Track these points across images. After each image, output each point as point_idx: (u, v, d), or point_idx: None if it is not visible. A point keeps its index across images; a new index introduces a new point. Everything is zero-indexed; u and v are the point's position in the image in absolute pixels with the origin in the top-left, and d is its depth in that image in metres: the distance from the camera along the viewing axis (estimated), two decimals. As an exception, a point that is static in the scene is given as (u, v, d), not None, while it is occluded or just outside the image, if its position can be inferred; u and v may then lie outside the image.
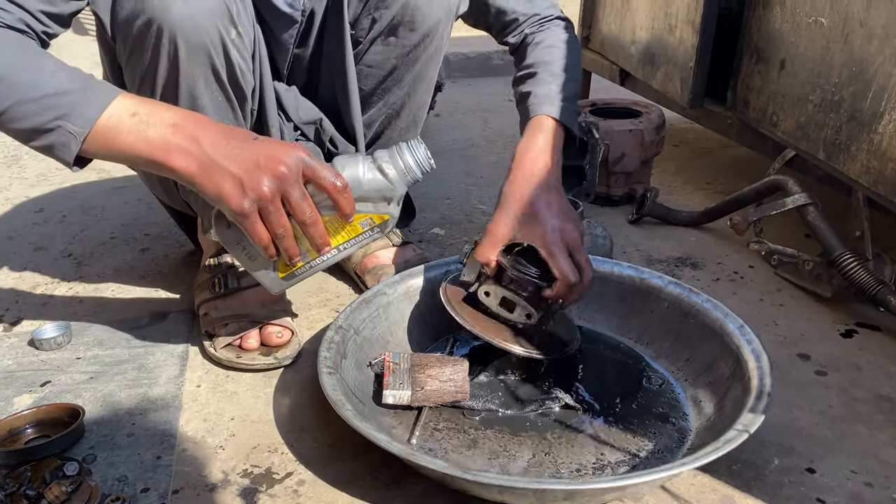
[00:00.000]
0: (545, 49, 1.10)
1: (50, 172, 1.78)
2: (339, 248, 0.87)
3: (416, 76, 1.10)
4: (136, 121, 0.77)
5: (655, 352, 1.05)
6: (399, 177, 0.86)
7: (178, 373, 1.02)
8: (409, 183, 0.87)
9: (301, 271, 0.87)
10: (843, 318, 1.17)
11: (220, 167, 0.77)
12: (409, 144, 0.87)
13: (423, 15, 1.04)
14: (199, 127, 0.78)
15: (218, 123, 0.81)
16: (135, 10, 0.86)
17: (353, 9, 1.05)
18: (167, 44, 0.87)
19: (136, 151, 0.78)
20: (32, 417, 0.90)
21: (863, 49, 1.10)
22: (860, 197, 1.19)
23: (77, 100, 0.77)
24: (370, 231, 0.88)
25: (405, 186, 0.87)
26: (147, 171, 0.82)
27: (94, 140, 0.78)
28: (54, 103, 0.77)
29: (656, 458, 0.86)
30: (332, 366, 0.87)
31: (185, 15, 0.86)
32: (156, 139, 0.77)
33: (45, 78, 0.78)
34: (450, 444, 0.87)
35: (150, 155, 0.77)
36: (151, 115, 0.78)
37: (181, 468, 0.85)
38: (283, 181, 0.78)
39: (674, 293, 1.05)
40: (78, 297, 1.23)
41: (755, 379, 0.87)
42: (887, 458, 0.88)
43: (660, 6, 1.63)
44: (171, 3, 0.86)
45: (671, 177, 1.78)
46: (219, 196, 0.77)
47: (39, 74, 0.78)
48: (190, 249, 1.38)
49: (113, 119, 0.77)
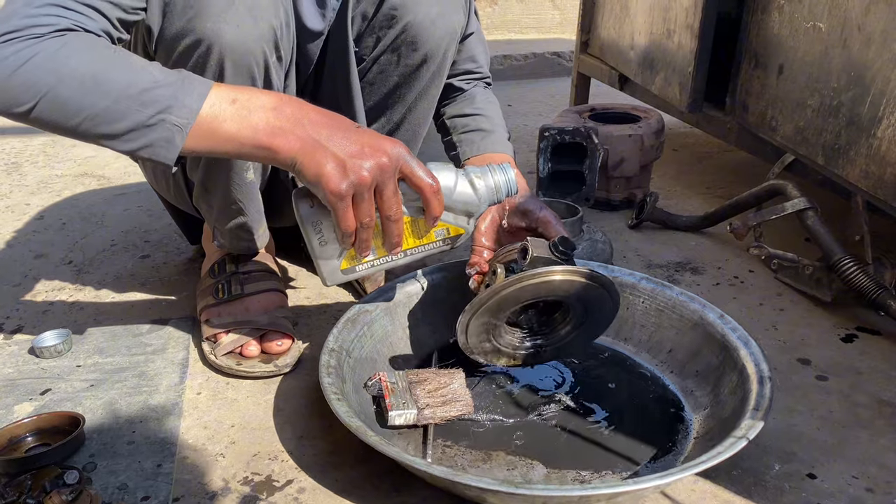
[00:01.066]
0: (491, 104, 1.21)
1: (50, 180, 1.79)
2: (406, 252, 0.88)
3: (419, 94, 1.11)
4: (237, 108, 0.76)
5: (636, 347, 1.06)
6: (486, 194, 0.88)
7: (178, 380, 1.02)
8: (493, 202, 0.89)
9: (362, 268, 0.88)
10: (844, 322, 1.17)
11: (324, 148, 0.77)
12: (501, 166, 0.89)
13: (427, 36, 1.05)
14: (301, 109, 0.78)
15: (316, 107, 0.80)
16: (185, 29, 0.87)
17: (357, 26, 1.06)
18: (214, 64, 0.88)
19: (240, 139, 0.77)
20: (33, 426, 0.90)
21: (861, 54, 1.10)
22: (859, 201, 1.19)
23: (176, 92, 0.75)
24: (441, 242, 0.89)
25: (487, 204, 0.89)
26: (246, 158, 0.81)
27: (197, 132, 0.76)
28: (154, 97, 0.74)
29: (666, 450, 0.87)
30: (339, 391, 0.86)
31: (236, 40, 0.88)
32: (259, 124, 0.76)
33: (139, 74, 0.75)
34: (465, 459, 0.86)
35: (255, 140, 0.76)
36: (251, 100, 0.77)
37: (181, 476, 0.85)
38: (383, 172, 0.78)
39: (648, 288, 1.06)
40: (78, 304, 1.23)
41: (751, 365, 0.89)
42: (888, 464, 0.88)
43: (658, 11, 1.63)
44: (224, 27, 0.87)
45: (671, 181, 1.79)
46: (319, 176, 0.77)
47: (133, 71, 0.75)
48: (189, 257, 1.39)
49: (214, 108, 0.76)
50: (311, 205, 0.84)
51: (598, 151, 1.48)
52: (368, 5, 1.04)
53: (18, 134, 2.14)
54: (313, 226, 0.85)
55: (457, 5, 1.07)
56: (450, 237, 0.89)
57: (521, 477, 0.84)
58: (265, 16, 0.90)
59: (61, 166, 1.88)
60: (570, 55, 2.91)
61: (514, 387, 0.99)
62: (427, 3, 1.04)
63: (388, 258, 0.88)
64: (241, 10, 0.88)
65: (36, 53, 0.72)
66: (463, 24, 1.10)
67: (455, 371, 0.98)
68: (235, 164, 0.99)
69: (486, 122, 1.17)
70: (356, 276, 0.89)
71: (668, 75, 1.60)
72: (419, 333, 1.06)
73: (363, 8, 1.04)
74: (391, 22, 1.04)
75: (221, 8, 0.87)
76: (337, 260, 0.87)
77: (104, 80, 0.74)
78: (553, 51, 3.06)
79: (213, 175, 1.01)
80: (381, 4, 1.03)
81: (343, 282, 0.90)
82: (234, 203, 1.04)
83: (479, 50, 1.21)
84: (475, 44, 1.20)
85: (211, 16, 0.86)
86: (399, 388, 0.93)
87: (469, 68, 1.20)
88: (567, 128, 1.48)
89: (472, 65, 1.20)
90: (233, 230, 1.08)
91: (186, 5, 0.87)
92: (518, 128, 2.24)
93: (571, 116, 1.64)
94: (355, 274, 0.88)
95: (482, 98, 1.21)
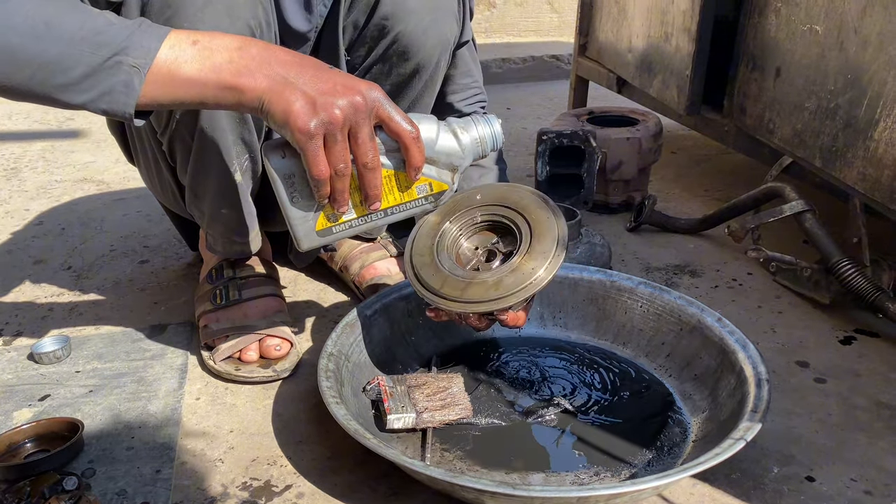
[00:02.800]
0: None
1: (50, 185, 1.79)
2: (387, 211, 0.82)
3: (412, 103, 1.11)
4: (198, 48, 0.72)
5: (634, 351, 1.06)
6: (471, 146, 0.83)
7: (177, 385, 1.02)
8: (478, 156, 0.84)
9: (339, 229, 0.83)
10: (842, 324, 1.17)
11: (293, 85, 0.72)
12: (486, 118, 0.84)
13: (418, 45, 1.04)
14: (268, 49, 0.74)
15: (285, 48, 0.76)
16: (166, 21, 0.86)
17: (349, 35, 1.05)
18: None
19: (202, 80, 0.72)
20: (32, 432, 0.90)
21: (858, 56, 1.10)
22: (857, 203, 1.20)
23: (133, 32, 0.71)
24: (424, 199, 0.83)
25: (472, 158, 0.84)
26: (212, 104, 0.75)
27: (156, 75, 0.71)
28: (110, 38, 0.70)
29: (665, 453, 0.87)
30: (337, 395, 0.86)
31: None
32: (223, 63, 0.72)
33: (94, 17, 0.71)
34: (464, 463, 0.86)
35: (219, 81, 0.72)
36: (213, 40, 0.73)
37: (180, 481, 0.85)
38: (358, 111, 0.73)
39: (646, 293, 1.06)
40: (77, 310, 1.23)
41: (749, 367, 0.89)
42: (887, 466, 0.88)
43: (656, 14, 1.63)
44: (200, 27, 0.84)
45: (669, 184, 1.79)
46: (287, 114, 0.72)
47: (88, 14, 0.71)
48: (189, 262, 1.39)
49: (174, 49, 0.72)
50: (282, 155, 0.78)
51: (597, 154, 1.48)
52: (360, 14, 1.04)
53: (18, 140, 2.14)
54: (285, 180, 0.79)
55: (450, 14, 1.05)
56: (432, 194, 0.83)
57: (520, 479, 0.84)
58: (242, 15, 0.89)
59: (60, 172, 1.88)
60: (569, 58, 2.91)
61: (512, 391, 0.99)
62: (419, 13, 1.02)
63: (367, 217, 0.82)
64: (219, 8, 0.87)
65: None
66: (456, 34, 1.08)
67: (454, 375, 0.98)
68: (222, 165, 0.99)
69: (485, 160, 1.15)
70: (333, 239, 0.84)
71: (666, 78, 1.60)
72: (418, 337, 1.06)
73: (354, 17, 1.04)
74: (382, 32, 1.03)
75: (198, 7, 0.86)
76: (312, 219, 0.81)
77: (56, 24, 0.69)
78: (551, 54, 3.07)
79: (201, 179, 1.01)
80: (372, 14, 1.03)
81: (319, 245, 0.84)
82: (223, 207, 1.04)
83: (473, 64, 1.20)
84: (469, 57, 1.19)
85: (188, 16, 0.86)
86: (398, 391, 0.93)
87: (466, 83, 1.19)
88: (565, 131, 1.48)
89: (469, 79, 1.19)
90: (225, 234, 1.09)
91: (164, 4, 0.85)
92: (516, 131, 2.24)
93: (569, 120, 1.64)
94: (332, 236, 0.83)
95: None
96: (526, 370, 1.03)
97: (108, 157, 1.97)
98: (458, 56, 1.16)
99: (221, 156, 0.97)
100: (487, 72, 2.86)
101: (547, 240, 0.87)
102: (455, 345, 1.07)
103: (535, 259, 0.86)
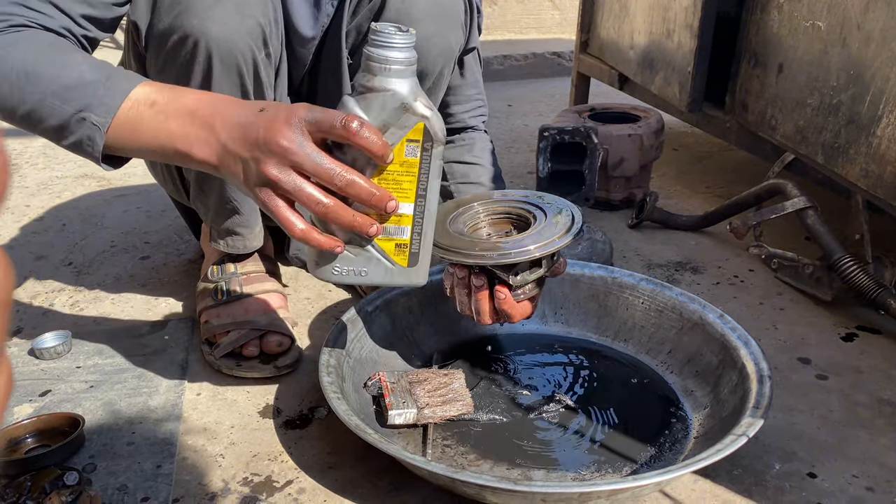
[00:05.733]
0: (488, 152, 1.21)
1: (50, 181, 1.79)
2: (418, 193, 0.72)
3: None
4: (155, 111, 0.74)
5: (636, 347, 1.06)
6: (386, 76, 0.68)
7: (178, 381, 1.02)
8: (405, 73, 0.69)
9: (416, 245, 0.74)
10: (844, 321, 1.17)
11: (232, 153, 0.70)
12: (368, 38, 0.69)
13: (421, 55, 1.02)
14: (216, 110, 0.72)
15: (235, 101, 0.74)
16: (172, 25, 0.88)
17: (352, 40, 1.05)
18: (203, 60, 0.88)
19: (159, 143, 0.74)
20: (32, 427, 0.90)
21: (860, 52, 1.10)
22: (859, 200, 1.19)
23: (99, 90, 0.74)
24: (422, 154, 0.71)
25: (406, 78, 0.69)
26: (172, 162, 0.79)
27: (118, 132, 0.74)
28: (77, 95, 0.74)
29: (666, 450, 0.87)
30: (338, 390, 0.86)
31: (223, 36, 0.88)
32: (176, 131, 0.73)
33: (67, 71, 0.75)
34: (465, 459, 0.86)
35: (174, 147, 0.73)
36: (170, 103, 0.74)
37: (181, 477, 0.85)
38: (286, 153, 0.67)
39: (647, 289, 1.06)
40: (78, 305, 1.23)
41: (750, 364, 0.89)
42: (889, 463, 0.87)
43: (658, 11, 1.63)
44: (211, 24, 0.87)
45: (670, 181, 1.79)
46: (241, 184, 0.70)
47: (63, 68, 0.76)
48: (189, 258, 1.39)
49: (133, 110, 0.74)
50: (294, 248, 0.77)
51: (598, 151, 1.48)
52: (364, 20, 1.03)
53: (18, 136, 2.14)
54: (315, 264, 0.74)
55: (455, 23, 1.04)
56: (420, 141, 0.70)
57: (521, 475, 0.84)
58: (253, 12, 0.90)
59: (61, 168, 1.88)
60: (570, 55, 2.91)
61: (514, 387, 0.98)
62: (424, 21, 1.00)
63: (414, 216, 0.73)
64: (229, 6, 0.88)
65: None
66: (461, 42, 1.07)
67: (455, 371, 0.98)
68: None
69: (483, 173, 1.17)
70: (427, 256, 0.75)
71: (668, 75, 1.60)
72: (419, 333, 1.06)
73: (358, 22, 1.04)
74: None
75: (209, 4, 0.87)
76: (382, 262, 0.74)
77: (34, 77, 0.75)
78: (553, 51, 3.06)
79: (207, 174, 1.01)
80: (376, 20, 1.02)
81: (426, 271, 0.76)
82: (228, 202, 1.04)
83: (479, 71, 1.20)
84: (476, 65, 1.19)
85: (198, 13, 0.87)
86: (399, 387, 0.93)
87: (471, 94, 1.19)
88: (567, 128, 1.47)
89: (475, 91, 1.20)
90: (228, 229, 1.09)
91: (174, 2, 0.87)
92: (518, 128, 2.24)
93: (571, 116, 1.64)
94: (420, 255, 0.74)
95: (480, 146, 1.21)
96: (527, 367, 1.03)
97: (108, 154, 1.97)
98: (466, 65, 1.15)
99: None
100: (489, 69, 2.86)
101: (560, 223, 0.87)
102: (456, 341, 1.07)
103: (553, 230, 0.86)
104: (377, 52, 0.68)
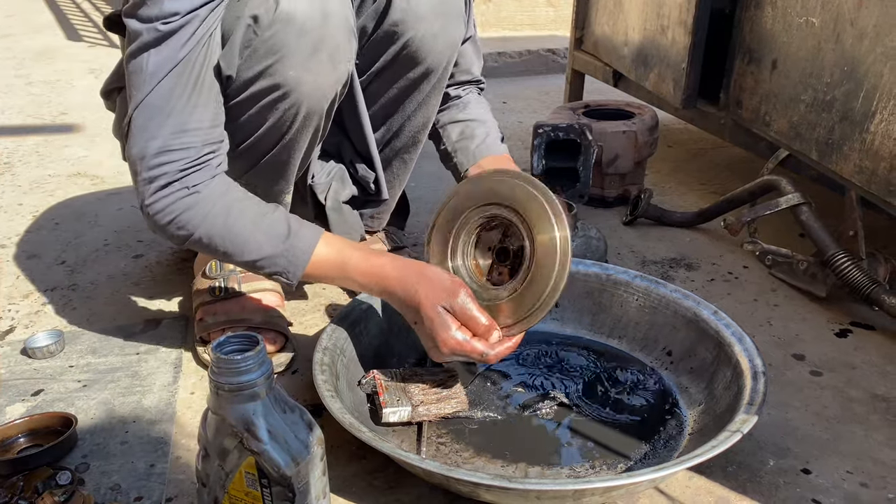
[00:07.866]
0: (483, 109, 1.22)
1: (43, 180, 1.78)
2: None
3: (419, 104, 1.11)
4: (337, 271, 0.91)
5: (630, 344, 1.06)
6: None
7: (171, 380, 1.02)
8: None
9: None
10: (838, 317, 1.17)
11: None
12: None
13: (428, 51, 1.05)
14: (387, 288, 0.90)
15: (395, 275, 0.90)
16: (266, 72, 0.88)
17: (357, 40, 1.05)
18: (288, 109, 0.91)
19: (347, 285, 0.95)
20: (25, 426, 0.89)
21: (854, 48, 1.10)
22: (853, 196, 1.19)
23: (280, 261, 0.89)
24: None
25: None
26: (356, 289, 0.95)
27: (309, 277, 0.92)
28: (266, 264, 0.89)
29: (661, 446, 0.87)
30: (332, 389, 0.86)
31: (315, 89, 0.91)
32: (358, 280, 0.91)
33: (249, 248, 0.88)
34: (460, 457, 0.86)
35: (367, 291, 0.93)
36: (346, 264, 0.90)
37: (175, 476, 0.85)
38: (441, 330, 0.87)
39: (642, 286, 1.06)
40: (71, 304, 1.22)
41: (745, 360, 0.89)
42: (883, 459, 0.88)
43: (652, 7, 1.63)
44: (306, 77, 0.89)
45: (665, 178, 1.79)
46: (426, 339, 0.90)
47: (245, 245, 0.88)
48: (182, 256, 1.38)
49: (320, 270, 0.90)
50: None
51: (593, 148, 1.48)
52: (368, 20, 1.03)
53: (11, 134, 2.13)
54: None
55: (458, 17, 1.06)
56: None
57: (516, 472, 0.84)
58: (343, 58, 0.92)
59: (54, 166, 1.87)
60: (565, 52, 2.91)
61: (508, 384, 0.98)
62: (429, 19, 1.02)
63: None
64: (323, 58, 0.89)
65: (186, 209, 0.86)
66: (463, 35, 1.09)
67: (450, 369, 0.98)
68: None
69: (479, 127, 1.17)
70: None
71: (662, 71, 1.60)
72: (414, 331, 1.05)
73: (363, 22, 1.04)
74: (392, 38, 1.03)
75: (305, 56, 0.88)
76: None
77: (233, 250, 0.89)
78: (547, 48, 3.06)
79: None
80: (382, 20, 1.02)
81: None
82: None
83: (475, 56, 1.21)
84: (472, 50, 1.19)
85: (294, 64, 0.87)
86: (393, 385, 0.93)
87: (465, 79, 1.20)
88: (561, 125, 1.47)
89: (468, 76, 1.20)
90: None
91: (270, 51, 0.87)
92: (512, 125, 2.24)
93: (565, 113, 1.64)
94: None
95: (475, 104, 1.21)
96: (522, 364, 1.03)
97: (101, 152, 1.96)
98: (460, 52, 1.16)
99: None
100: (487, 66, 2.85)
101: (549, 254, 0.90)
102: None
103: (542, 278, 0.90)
104: None
